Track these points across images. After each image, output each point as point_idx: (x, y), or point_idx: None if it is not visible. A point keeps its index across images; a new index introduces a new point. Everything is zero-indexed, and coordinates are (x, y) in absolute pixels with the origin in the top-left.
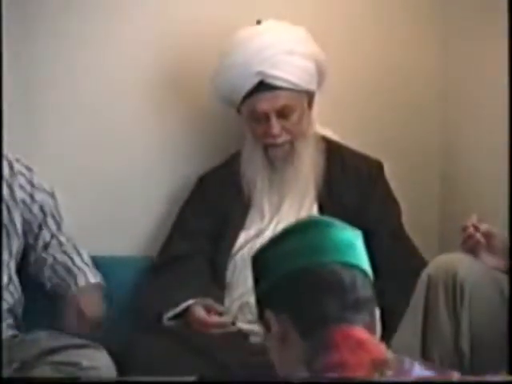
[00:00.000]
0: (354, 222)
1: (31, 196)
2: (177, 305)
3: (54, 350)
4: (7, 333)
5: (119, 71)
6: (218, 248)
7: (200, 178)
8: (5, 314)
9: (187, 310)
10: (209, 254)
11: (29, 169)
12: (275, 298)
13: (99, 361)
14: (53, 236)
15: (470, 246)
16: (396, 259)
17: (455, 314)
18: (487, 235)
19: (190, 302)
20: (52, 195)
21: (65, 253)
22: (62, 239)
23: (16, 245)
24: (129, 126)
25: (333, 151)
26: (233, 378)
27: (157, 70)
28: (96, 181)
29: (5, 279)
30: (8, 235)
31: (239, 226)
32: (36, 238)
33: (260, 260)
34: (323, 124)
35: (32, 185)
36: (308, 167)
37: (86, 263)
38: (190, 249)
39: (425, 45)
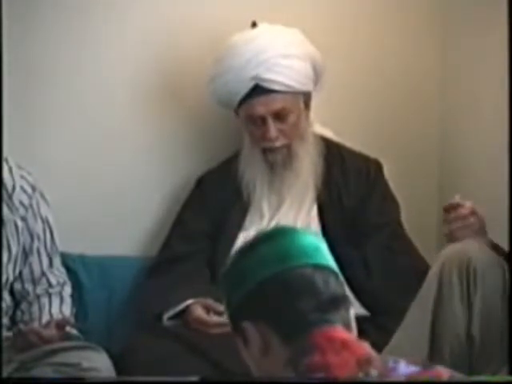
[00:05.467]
0: (353, 222)
1: (33, 213)
2: (176, 305)
3: (54, 351)
4: (6, 333)
5: (119, 72)
6: (217, 248)
7: (199, 179)
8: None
9: (186, 309)
10: (208, 254)
11: (33, 188)
12: (250, 307)
13: (99, 362)
14: (43, 273)
15: (458, 228)
16: (395, 259)
17: (469, 299)
18: (472, 213)
19: (190, 301)
20: (48, 223)
21: (49, 296)
22: (52, 280)
23: (15, 248)
24: (129, 127)
25: (332, 151)
26: (232, 378)
27: (156, 70)
28: (96, 181)
29: (4, 279)
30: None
31: (238, 226)
32: (24, 262)
33: (229, 275)
34: (321, 123)
35: (31, 207)
36: (307, 168)
37: (61, 310)
38: (190, 249)
39: (423, 44)
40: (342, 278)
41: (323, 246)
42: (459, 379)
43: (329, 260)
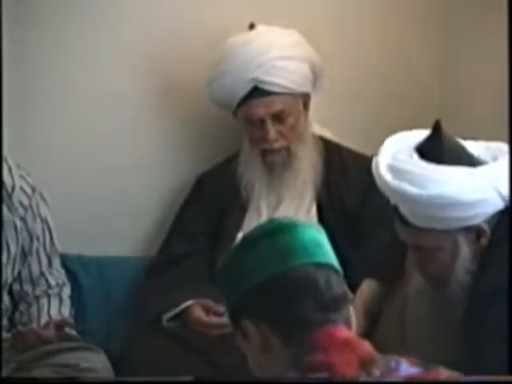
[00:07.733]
0: (352, 222)
1: (32, 214)
2: (176, 305)
3: (53, 352)
4: (5, 334)
5: (118, 72)
6: (217, 248)
7: (198, 179)
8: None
9: (186, 310)
10: (207, 254)
11: (33, 189)
12: (252, 307)
13: (98, 363)
14: (42, 274)
15: None
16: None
17: None
18: None
19: (189, 302)
20: (47, 224)
21: (48, 297)
22: (51, 281)
23: (14, 249)
24: (128, 127)
25: (331, 151)
26: (231, 378)
27: (156, 70)
28: (95, 181)
29: (3, 280)
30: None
31: (237, 226)
32: (23, 263)
33: (228, 271)
34: (320, 123)
35: (31, 207)
36: (306, 169)
37: (60, 311)
38: (189, 249)
39: (423, 44)
40: (341, 273)
41: (324, 239)
42: (459, 379)
43: (330, 256)
